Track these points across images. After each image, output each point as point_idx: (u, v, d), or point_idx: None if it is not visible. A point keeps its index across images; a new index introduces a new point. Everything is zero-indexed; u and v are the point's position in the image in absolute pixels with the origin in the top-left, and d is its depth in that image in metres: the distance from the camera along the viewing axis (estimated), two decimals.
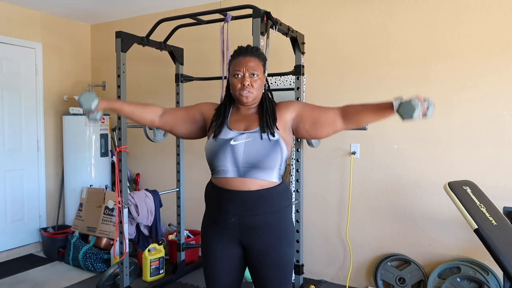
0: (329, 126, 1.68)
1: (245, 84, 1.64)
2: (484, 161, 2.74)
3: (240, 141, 1.63)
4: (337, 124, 1.68)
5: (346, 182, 3.21)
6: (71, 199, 4.05)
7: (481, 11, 2.72)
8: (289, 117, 1.71)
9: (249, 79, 1.65)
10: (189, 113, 1.81)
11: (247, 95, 1.65)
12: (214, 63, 3.76)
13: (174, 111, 1.84)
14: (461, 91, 2.80)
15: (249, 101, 1.67)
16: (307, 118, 1.69)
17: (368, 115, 1.62)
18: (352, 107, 1.66)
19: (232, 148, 1.63)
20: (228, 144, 1.64)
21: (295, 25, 3.28)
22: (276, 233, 1.66)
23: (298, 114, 1.71)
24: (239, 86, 1.65)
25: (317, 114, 1.69)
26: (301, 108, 1.72)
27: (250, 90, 1.65)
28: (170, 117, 1.81)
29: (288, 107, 1.73)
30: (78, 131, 4.01)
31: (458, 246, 2.84)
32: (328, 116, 1.68)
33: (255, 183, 1.63)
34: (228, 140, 1.64)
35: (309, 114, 1.70)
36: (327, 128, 1.69)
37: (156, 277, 3.34)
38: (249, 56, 1.68)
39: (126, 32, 2.76)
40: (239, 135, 1.65)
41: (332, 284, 3.28)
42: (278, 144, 1.63)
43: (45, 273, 3.54)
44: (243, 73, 1.65)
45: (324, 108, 1.72)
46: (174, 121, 1.81)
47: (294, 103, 1.76)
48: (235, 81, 1.67)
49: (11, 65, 3.89)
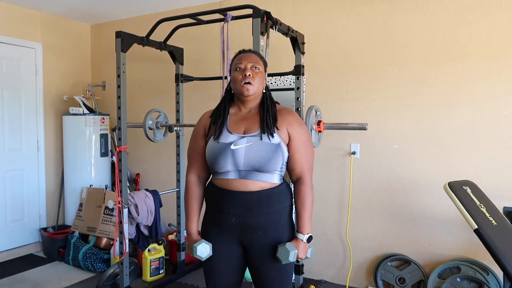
0: (291, 166, 1.70)
1: (247, 74, 1.64)
2: (484, 161, 2.74)
3: (241, 146, 1.63)
4: (292, 176, 1.72)
5: (346, 182, 3.21)
6: (71, 199, 4.05)
7: (481, 11, 2.72)
8: (289, 129, 1.68)
9: (251, 71, 1.66)
10: (199, 142, 1.77)
11: (248, 87, 1.64)
12: (214, 63, 3.76)
13: (196, 159, 1.78)
14: (461, 91, 2.80)
15: (250, 93, 1.66)
16: (292, 149, 1.68)
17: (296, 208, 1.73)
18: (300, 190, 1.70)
19: (233, 152, 1.63)
20: (229, 149, 1.63)
21: (295, 25, 3.29)
22: (276, 233, 1.66)
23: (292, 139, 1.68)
24: (241, 77, 1.65)
25: (296, 155, 1.68)
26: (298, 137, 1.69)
27: (251, 81, 1.65)
28: (201, 163, 1.77)
29: (292, 123, 1.70)
30: (78, 131, 4.01)
31: (458, 246, 2.84)
32: (295, 166, 1.69)
33: (256, 185, 1.63)
34: (229, 144, 1.64)
35: (296, 148, 1.68)
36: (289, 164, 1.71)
37: (156, 277, 3.34)
38: (250, 53, 1.72)
39: (126, 32, 2.76)
40: (239, 139, 1.65)
41: (332, 284, 3.28)
42: (279, 148, 1.63)
43: (45, 273, 3.54)
44: (245, 65, 1.67)
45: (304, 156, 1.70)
46: (203, 159, 1.77)
47: (299, 123, 1.72)
48: (237, 74, 1.67)
49: (11, 65, 3.89)
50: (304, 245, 1.69)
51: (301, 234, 1.69)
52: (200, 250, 1.66)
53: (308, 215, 1.70)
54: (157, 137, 3.27)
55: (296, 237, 1.70)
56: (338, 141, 3.22)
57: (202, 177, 1.80)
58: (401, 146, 3.01)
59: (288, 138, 1.68)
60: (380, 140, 3.07)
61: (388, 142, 3.05)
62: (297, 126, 1.70)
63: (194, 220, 1.77)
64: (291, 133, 1.68)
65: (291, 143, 1.68)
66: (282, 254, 1.63)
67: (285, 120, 1.69)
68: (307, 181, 1.70)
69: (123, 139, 2.79)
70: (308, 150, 1.71)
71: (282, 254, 1.63)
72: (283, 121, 1.69)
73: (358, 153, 3.15)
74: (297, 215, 1.73)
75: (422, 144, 2.93)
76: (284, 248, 1.63)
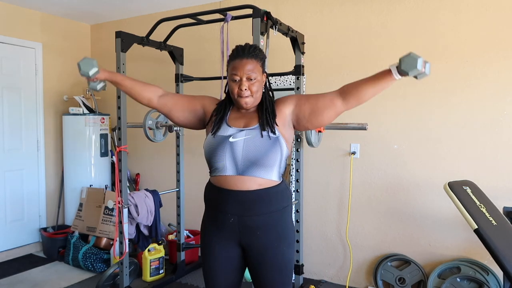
0: (329, 108, 1.64)
1: (242, 89, 1.63)
2: (484, 161, 2.74)
3: (239, 138, 1.63)
4: (337, 104, 1.64)
5: (346, 182, 3.21)
6: (71, 199, 4.05)
7: (481, 11, 2.72)
8: (287, 111, 1.70)
9: (247, 84, 1.63)
10: (190, 102, 1.79)
11: (246, 101, 1.64)
12: (214, 63, 3.76)
13: (175, 96, 1.80)
14: (461, 91, 2.80)
15: (249, 106, 1.67)
16: (305, 107, 1.67)
17: (368, 87, 1.56)
18: (349, 84, 1.63)
19: (231, 145, 1.63)
20: (227, 141, 1.63)
21: (295, 25, 3.28)
22: (275, 233, 1.66)
23: (296, 105, 1.70)
24: (237, 91, 1.65)
25: (314, 100, 1.67)
26: (298, 99, 1.71)
27: (247, 95, 1.64)
28: (170, 100, 1.77)
29: (285, 101, 1.72)
30: (78, 131, 4.01)
31: (458, 246, 2.84)
32: (326, 99, 1.65)
33: (254, 182, 1.62)
34: (227, 137, 1.64)
35: (306, 102, 1.68)
36: (328, 111, 1.65)
37: (156, 277, 3.34)
38: (246, 58, 1.64)
39: (126, 32, 2.76)
40: (239, 132, 1.65)
41: (332, 284, 3.28)
42: (278, 141, 1.63)
43: (45, 273, 3.54)
44: (240, 77, 1.63)
45: (321, 94, 1.70)
46: (173, 104, 1.77)
47: (290, 97, 1.75)
48: (233, 85, 1.66)
49: (11, 65, 3.89)
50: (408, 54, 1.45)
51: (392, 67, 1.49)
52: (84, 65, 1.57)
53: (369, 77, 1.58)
54: (157, 137, 3.27)
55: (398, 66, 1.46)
56: (338, 141, 3.22)
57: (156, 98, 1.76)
58: (401, 146, 3.01)
59: (296, 113, 1.69)
60: (380, 140, 3.07)
61: (388, 142, 3.05)
62: (291, 98, 1.72)
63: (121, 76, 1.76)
64: (294, 105, 1.70)
65: (301, 106, 1.67)
66: (408, 63, 1.39)
67: (282, 112, 1.70)
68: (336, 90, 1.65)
69: (123, 139, 2.79)
70: (314, 94, 1.71)
71: (408, 63, 1.39)
72: (280, 114, 1.69)
73: (358, 153, 3.14)
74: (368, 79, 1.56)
75: (422, 144, 2.93)
76: (409, 57, 1.39)
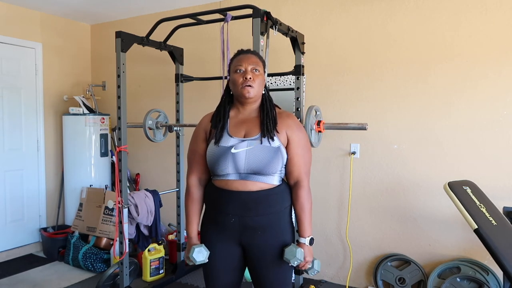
0: (289, 169, 1.71)
1: (247, 77, 1.64)
2: (484, 161, 2.74)
3: (241, 149, 1.63)
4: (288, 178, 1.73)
5: (346, 182, 3.21)
6: (71, 199, 4.05)
7: (481, 11, 2.72)
8: (286, 131, 1.70)
9: (251, 74, 1.66)
10: (200, 145, 1.77)
11: (249, 90, 1.65)
12: (214, 63, 3.76)
13: (197, 161, 1.77)
14: (461, 91, 2.80)
15: (251, 96, 1.66)
16: (289, 151, 1.69)
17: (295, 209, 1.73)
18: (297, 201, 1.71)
19: (233, 156, 1.63)
20: (229, 152, 1.63)
21: (295, 25, 3.28)
22: (275, 233, 1.66)
23: (290, 141, 1.69)
24: (241, 80, 1.65)
25: (295, 158, 1.69)
26: (298, 140, 1.70)
27: (252, 84, 1.65)
28: (201, 166, 1.76)
29: (291, 125, 1.71)
30: (78, 131, 4.01)
31: (458, 246, 2.84)
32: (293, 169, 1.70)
33: (256, 185, 1.63)
34: (229, 148, 1.64)
35: (293, 149, 1.69)
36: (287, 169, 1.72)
37: (156, 277, 3.34)
38: (250, 54, 1.71)
39: (126, 32, 2.76)
40: (240, 142, 1.65)
41: (332, 284, 3.28)
42: (279, 151, 1.64)
43: (45, 273, 3.54)
44: (245, 68, 1.66)
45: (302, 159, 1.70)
46: (203, 162, 1.76)
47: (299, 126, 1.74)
48: (237, 76, 1.67)
49: (11, 65, 3.89)
50: (308, 248, 1.69)
51: (303, 238, 1.69)
52: (196, 254, 1.65)
53: (308, 219, 1.70)
54: (157, 137, 3.27)
55: (298, 241, 1.70)
56: (338, 141, 3.22)
57: (203, 180, 1.79)
58: (401, 146, 3.01)
59: (287, 141, 1.69)
60: (380, 140, 3.07)
61: (388, 142, 3.05)
62: (296, 129, 1.71)
63: (195, 223, 1.76)
64: (290, 136, 1.69)
65: (289, 146, 1.69)
66: (289, 254, 1.62)
67: (285, 124, 1.70)
68: (304, 185, 1.71)
69: (123, 139, 2.79)
70: (306, 154, 1.72)
71: (289, 254, 1.62)
72: (282, 124, 1.70)
73: (358, 153, 3.15)
74: (297, 219, 1.73)
75: (422, 144, 2.93)
76: (290, 249, 1.63)
